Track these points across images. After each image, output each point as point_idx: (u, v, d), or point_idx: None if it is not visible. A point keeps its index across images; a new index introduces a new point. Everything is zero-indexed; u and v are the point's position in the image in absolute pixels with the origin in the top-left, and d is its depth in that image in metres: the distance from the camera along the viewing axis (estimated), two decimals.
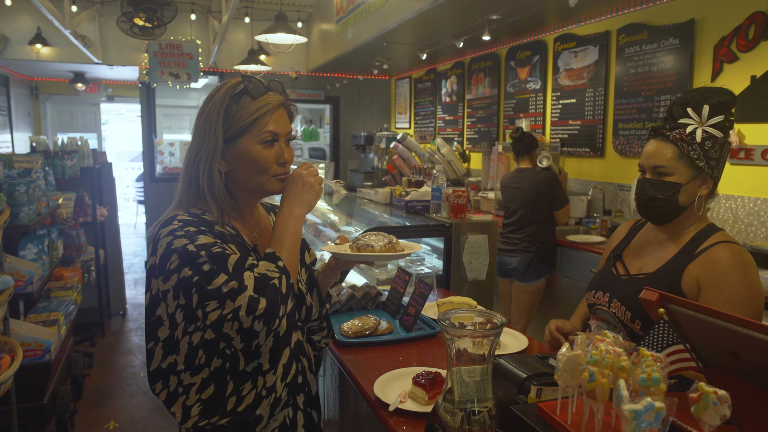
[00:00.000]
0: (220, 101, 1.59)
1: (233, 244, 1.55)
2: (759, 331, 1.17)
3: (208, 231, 1.51)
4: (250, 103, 1.59)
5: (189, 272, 1.43)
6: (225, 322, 1.42)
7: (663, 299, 1.41)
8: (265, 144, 1.59)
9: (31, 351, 3.59)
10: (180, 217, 1.53)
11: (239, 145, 1.58)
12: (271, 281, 1.48)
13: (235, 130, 1.58)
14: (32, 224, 3.78)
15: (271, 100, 1.61)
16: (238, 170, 1.61)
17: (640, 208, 1.94)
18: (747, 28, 3.93)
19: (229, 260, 1.47)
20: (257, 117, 1.57)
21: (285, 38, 6.08)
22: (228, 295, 1.42)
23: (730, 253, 1.78)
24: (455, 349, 1.41)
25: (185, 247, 1.44)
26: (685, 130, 1.81)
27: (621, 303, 1.92)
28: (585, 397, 1.22)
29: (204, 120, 1.59)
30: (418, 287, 2.40)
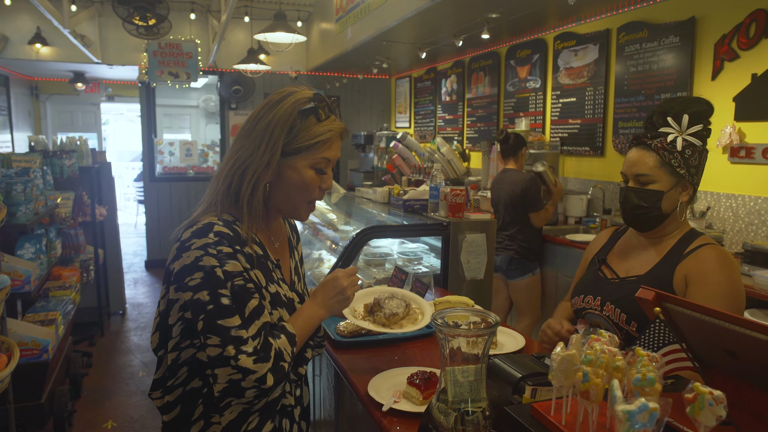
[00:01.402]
0: (286, 114, 1.54)
1: (259, 267, 1.53)
2: (756, 330, 1.15)
3: (240, 252, 1.47)
4: (316, 125, 1.56)
5: (206, 297, 1.40)
6: (223, 366, 1.39)
7: (659, 298, 1.39)
8: (316, 169, 1.58)
9: (29, 350, 3.58)
10: (216, 229, 1.47)
11: (292, 162, 1.56)
12: (281, 363, 1.47)
13: (293, 147, 1.55)
14: (30, 223, 3.77)
15: (335, 126, 1.59)
16: (280, 186, 1.59)
17: (625, 217, 1.99)
18: (748, 26, 3.91)
19: (249, 304, 1.45)
20: (319, 141, 1.55)
21: (284, 37, 6.06)
22: (233, 341, 1.40)
23: (717, 253, 1.85)
24: (449, 349, 1.40)
25: (213, 269, 1.41)
26: (666, 138, 1.87)
27: (615, 306, 1.93)
28: (579, 398, 1.21)
29: (264, 127, 1.54)
30: (414, 286, 2.39)
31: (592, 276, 2.10)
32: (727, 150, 4.08)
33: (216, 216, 1.51)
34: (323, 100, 1.59)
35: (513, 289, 4.73)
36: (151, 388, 1.57)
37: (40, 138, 5.68)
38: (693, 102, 1.89)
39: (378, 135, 8.67)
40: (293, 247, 1.82)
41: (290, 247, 1.79)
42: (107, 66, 8.78)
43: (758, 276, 3.11)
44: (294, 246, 1.83)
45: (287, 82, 9.35)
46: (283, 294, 1.61)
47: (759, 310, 3.19)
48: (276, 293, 1.58)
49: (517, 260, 4.60)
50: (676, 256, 1.89)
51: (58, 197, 4.94)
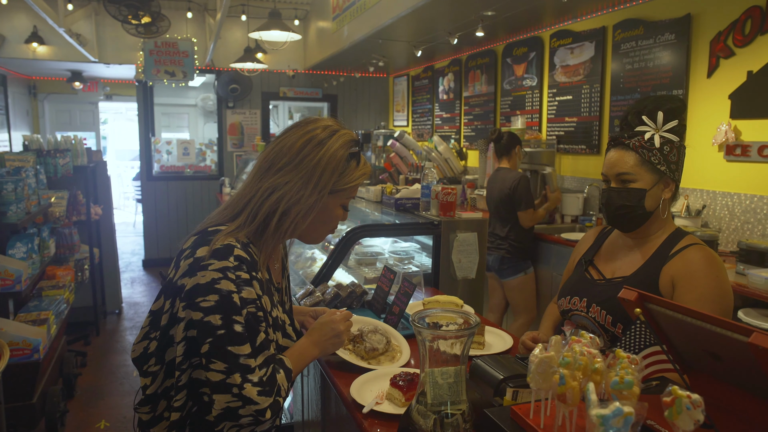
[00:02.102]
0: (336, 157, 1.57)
1: (267, 294, 1.55)
2: (736, 331, 1.13)
3: (255, 278, 1.48)
4: (355, 170, 1.63)
5: (219, 321, 1.38)
6: (224, 393, 1.38)
7: (642, 298, 1.37)
8: (343, 206, 1.67)
9: (19, 350, 3.56)
10: (237, 253, 1.45)
11: (328, 201, 1.61)
12: (277, 398, 1.46)
13: (333, 189, 1.59)
14: (21, 223, 3.76)
15: (367, 170, 1.68)
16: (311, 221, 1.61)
17: (609, 218, 1.97)
18: (743, 23, 3.88)
19: (260, 334, 1.46)
20: (355, 185, 1.65)
21: (279, 35, 6.03)
22: (240, 369, 1.39)
23: (704, 254, 1.83)
24: (428, 350, 1.38)
25: (230, 294, 1.40)
26: (643, 137, 1.87)
27: (601, 307, 1.91)
28: (557, 401, 1.19)
29: (313, 166, 1.54)
30: (402, 286, 2.37)
31: (579, 277, 2.08)
32: (722, 148, 4.05)
33: (234, 237, 1.48)
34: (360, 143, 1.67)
35: (507, 288, 4.72)
36: (140, 403, 1.53)
37: (34, 137, 5.66)
38: (666, 99, 1.89)
39: (375, 133, 8.65)
40: (285, 267, 1.82)
41: (283, 269, 1.80)
42: (104, 65, 8.76)
43: (752, 275, 3.09)
44: (286, 266, 1.84)
45: (285, 81, 9.33)
46: (279, 318, 1.64)
47: (754, 309, 3.16)
48: (276, 317, 1.60)
49: (508, 259, 4.59)
50: (662, 257, 1.88)
51: (51, 196, 4.93)
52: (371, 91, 10.01)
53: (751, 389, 1.23)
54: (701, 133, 4.21)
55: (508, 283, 4.68)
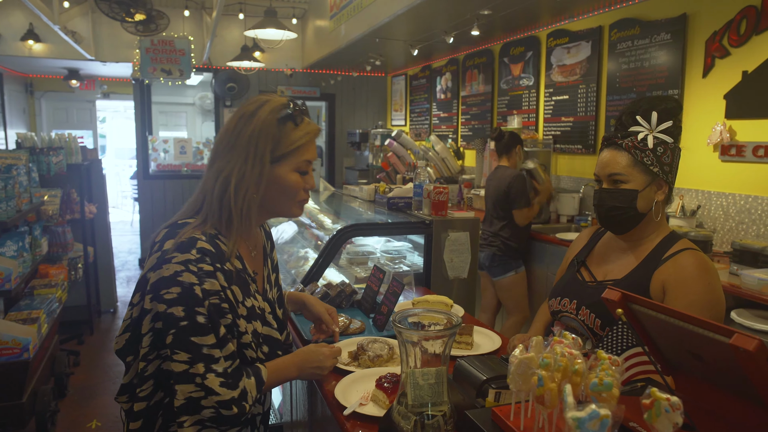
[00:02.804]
0: (266, 124, 1.56)
1: (237, 283, 1.54)
2: (718, 332, 1.11)
3: (220, 269, 1.49)
4: (294, 131, 1.59)
5: (181, 313, 1.41)
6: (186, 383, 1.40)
7: (625, 299, 1.35)
8: (300, 172, 1.61)
9: (8, 349, 3.54)
10: (200, 245, 1.47)
11: (277, 170, 1.58)
12: (243, 402, 1.46)
13: (276, 156, 1.57)
14: (11, 221, 3.73)
15: (311, 129, 1.63)
16: (267, 194, 1.59)
17: (601, 219, 1.94)
18: (738, 23, 3.86)
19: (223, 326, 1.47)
20: (300, 146, 1.59)
21: (275, 34, 6.02)
22: (204, 359, 1.41)
23: (696, 260, 1.79)
24: (408, 351, 1.35)
25: (192, 286, 1.42)
26: (636, 137, 1.84)
27: (590, 310, 1.88)
28: (535, 403, 1.16)
29: (247, 141, 1.55)
30: (391, 285, 2.34)
31: (570, 278, 2.05)
32: (717, 148, 4.03)
33: (200, 230, 1.51)
34: (297, 105, 1.62)
35: (498, 287, 4.72)
36: (118, 393, 1.58)
37: (28, 135, 5.64)
38: (661, 100, 1.86)
39: (373, 133, 8.63)
40: (267, 256, 1.82)
41: (264, 256, 1.79)
42: (101, 63, 8.74)
43: (745, 276, 3.07)
44: (268, 254, 1.83)
45: (282, 80, 9.30)
46: (258, 306, 1.62)
47: (746, 310, 3.14)
48: (252, 307, 1.59)
49: (499, 257, 4.58)
50: (654, 260, 1.85)
51: (44, 195, 4.91)
52: (369, 90, 9.99)
53: (733, 390, 1.21)
54: (696, 133, 4.19)
55: (498, 282, 4.68)
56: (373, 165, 8.52)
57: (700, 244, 3.60)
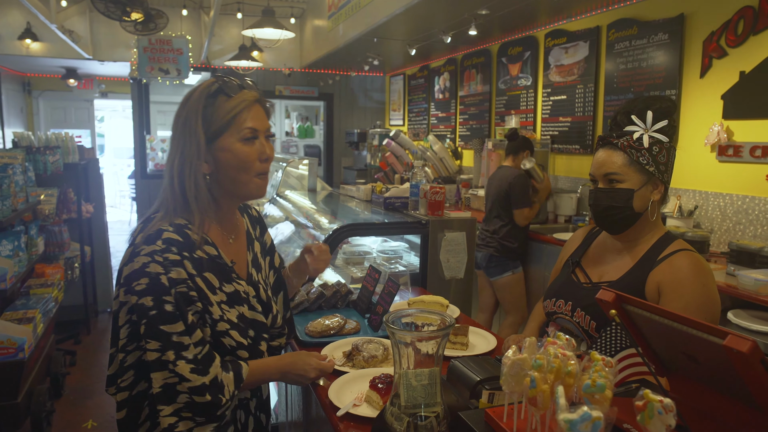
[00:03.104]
0: (196, 103, 1.57)
1: (210, 270, 1.56)
2: (712, 334, 1.10)
3: (188, 258, 1.51)
4: (226, 102, 1.57)
5: (150, 303, 1.44)
6: (160, 370, 1.44)
7: (619, 300, 1.34)
8: (246, 141, 1.57)
9: (4, 349, 3.52)
10: (165, 236, 1.50)
11: (220, 143, 1.56)
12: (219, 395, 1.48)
13: (214, 130, 1.56)
14: (6, 220, 3.72)
15: (246, 96, 1.59)
16: (221, 171, 1.59)
17: (596, 219, 1.93)
18: (736, 23, 3.86)
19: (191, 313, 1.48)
20: (235, 114, 1.56)
21: (272, 33, 6.01)
22: (173, 346, 1.44)
23: (691, 261, 1.78)
24: (401, 351, 1.35)
25: (158, 276, 1.45)
26: (632, 137, 1.83)
27: (585, 312, 1.86)
28: (528, 404, 1.16)
29: (182, 123, 1.57)
30: (387, 286, 2.34)
31: (565, 279, 2.04)
32: (715, 148, 4.03)
33: (168, 221, 1.54)
34: (228, 78, 1.61)
35: (496, 287, 4.72)
36: (107, 384, 1.60)
37: (25, 134, 5.62)
38: (656, 99, 1.86)
39: (371, 133, 8.63)
40: (254, 239, 1.82)
41: (249, 240, 1.79)
42: (99, 62, 8.73)
43: (742, 276, 3.06)
44: (255, 238, 1.83)
45: (281, 79, 9.30)
46: (243, 291, 1.64)
47: (743, 311, 3.14)
48: (234, 292, 1.60)
49: (496, 258, 4.58)
50: (650, 262, 1.83)
51: (41, 194, 4.89)
52: (368, 90, 9.98)
53: (727, 391, 1.21)
54: (694, 133, 4.18)
55: (496, 282, 4.68)
56: (371, 165, 8.51)
57: (697, 244, 3.60)
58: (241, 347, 1.59)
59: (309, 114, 11.96)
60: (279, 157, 5.68)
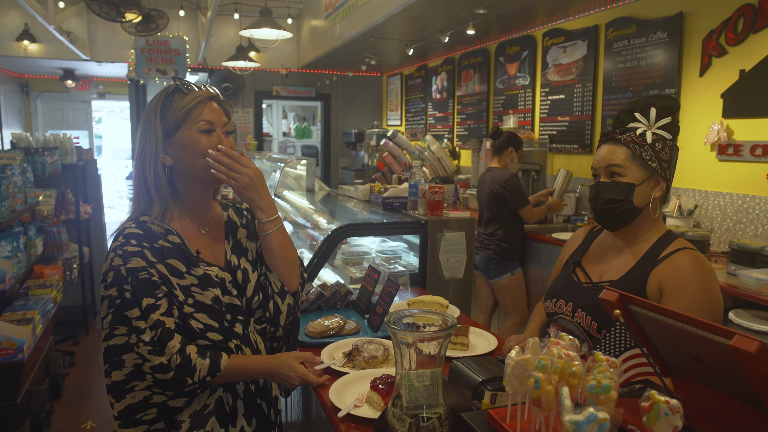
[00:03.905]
0: (155, 103, 1.69)
1: (175, 257, 1.64)
2: (718, 334, 1.09)
3: (147, 248, 1.60)
4: (183, 98, 1.67)
5: (116, 293, 1.56)
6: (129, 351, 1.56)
7: (623, 300, 1.33)
8: (203, 132, 1.66)
9: (3, 350, 3.51)
10: (127, 231, 1.61)
11: (179, 135, 1.66)
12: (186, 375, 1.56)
13: (172, 123, 1.65)
14: (5, 221, 3.71)
15: (201, 93, 1.70)
16: (180, 160, 1.67)
17: (596, 213, 1.91)
18: (736, 21, 3.85)
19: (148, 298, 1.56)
20: (191, 107, 1.66)
21: (270, 34, 6.00)
22: (135, 330, 1.54)
23: (692, 260, 1.77)
24: (403, 352, 1.34)
25: (119, 268, 1.57)
26: (635, 132, 1.83)
27: (586, 313, 1.85)
28: (532, 405, 1.15)
29: (144, 122, 1.68)
30: (386, 286, 2.33)
31: (566, 279, 2.02)
32: (715, 147, 4.02)
33: (133, 220, 1.65)
34: (185, 81, 1.72)
35: (495, 288, 4.70)
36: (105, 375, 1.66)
37: (23, 135, 5.60)
38: (660, 98, 1.86)
39: (369, 133, 8.62)
40: (237, 227, 1.87)
41: (229, 229, 1.85)
42: (96, 63, 8.71)
43: (743, 276, 3.05)
44: (239, 226, 1.87)
45: (278, 80, 9.29)
46: (215, 275, 1.70)
47: (744, 310, 3.13)
48: (204, 275, 1.67)
49: (495, 260, 4.56)
50: (651, 261, 1.82)
51: (39, 195, 4.88)
52: (365, 90, 9.97)
53: (732, 392, 1.20)
54: (693, 132, 4.18)
55: (495, 284, 4.67)
56: (369, 165, 8.50)
57: (697, 243, 3.59)
58: (210, 329, 1.64)
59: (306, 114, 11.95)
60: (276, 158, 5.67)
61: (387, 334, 2.22)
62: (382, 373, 1.79)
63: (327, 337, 2.21)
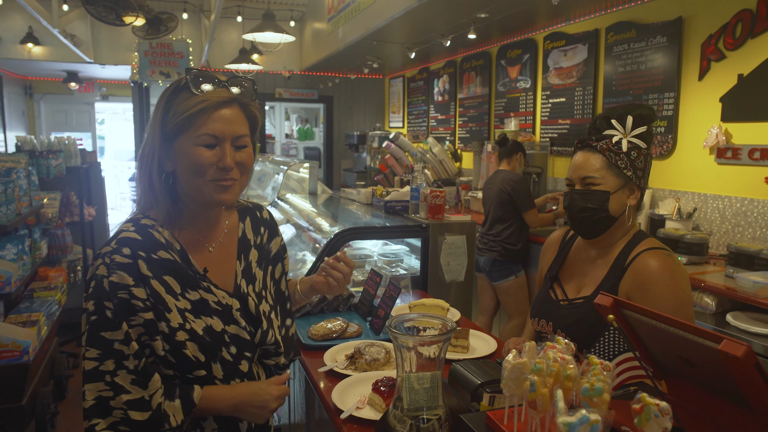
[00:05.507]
0: (162, 97, 1.45)
1: (172, 274, 1.42)
2: (708, 338, 1.13)
3: (143, 258, 1.38)
4: (188, 99, 1.41)
5: (92, 307, 1.32)
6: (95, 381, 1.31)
7: (617, 305, 1.36)
8: (204, 146, 1.41)
9: (9, 352, 3.55)
10: (123, 235, 1.39)
11: (178, 143, 1.42)
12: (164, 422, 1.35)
13: (171, 128, 1.41)
14: (11, 224, 3.74)
15: (212, 96, 1.42)
16: (179, 171, 1.44)
17: (572, 222, 1.92)
18: (734, 26, 3.89)
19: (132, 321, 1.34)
20: (191, 114, 1.39)
21: (272, 37, 6.04)
22: (114, 355, 1.31)
23: (655, 260, 1.76)
24: (404, 355, 1.38)
25: (102, 280, 1.33)
26: (611, 140, 1.84)
27: (566, 333, 1.84)
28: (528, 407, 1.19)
29: (151, 117, 1.46)
30: (388, 289, 2.37)
31: (545, 296, 2.03)
32: (713, 151, 4.06)
33: (131, 222, 1.44)
34: (201, 72, 1.45)
35: (498, 291, 4.73)
36: None
37: (27, 138, 5.65)
38: (636, 106, 1.87)
39: (371, 135, 8.65)
40: (250, 247, 1.63)
41: (242, 248, 1.61)
42: (100, 66, 8.76)
43: (741, 278, 3.08)
44: (254, 245, 1.64)
45: (280, 82, 9.33)
46: (215, 301, 1.47)
47: (742, 313, 3.16)
48: (201, 300, 1.44)
49: (500, 262, 4.59)
50: (619, 269, 1.82)
51: (44, 197, 4.92)
52: (367, 92, 10.01)
53: (722, 394, 1.24)
54: (693, 135, 4.21)
55: (499, 286, 4.69)
56: (371, 167, 8.54)
57: (696, 246, 3.63)
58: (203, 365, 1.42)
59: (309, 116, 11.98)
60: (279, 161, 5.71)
61: (389, 337, 2.25)
62: (384, 375, 1.82)
63: (330, 340, 2.25)
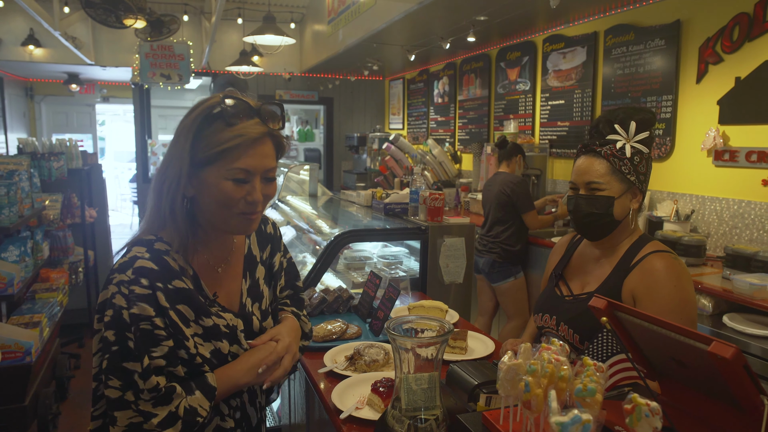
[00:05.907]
0: (191, 121, 1.40)
1: (185, 303, 1.42)
2: (698, 340, 1.15)
3: (161, 290, 1.37)
4: (222, 131, 1.37)
5: (113, 337, 1.33)
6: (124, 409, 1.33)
7: (611, 307, 1.39)
8: (234, 180, 1.39)
9: (11, 353, 3.58)
10: (138, 264, 1.37)
11: (206, 173, 1.39)
12: (196, 418, 1.37)
13: (201, 158, 1.38)
14: (13, 226, 3.77)
15: (248, 131, 1.38)
16: (202, 199, 1.43)
17: (577, 226, 1.95)
18: (731, 30, 3.91)
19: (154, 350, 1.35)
20: (227, 149, 1.37)
21: (273, 39, 6.06)
22: (133, 387, 1.32)
23: (663, 262, 1.80)
24: (402, 357, 1.40)
25: (121, 310, 1.33)
26: (615, 145, 1.86)
27: (568, 326, 1.90)
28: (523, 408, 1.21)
29: (175, 137, 1.41)
30: (387, 291, 2.39)
31: (550, 293, 2.07)
32: (711, 153, 4.08)
33: (147, 247, 1.41)
34: (235, 99, 1.41)
35: (498, 292, 4.75)
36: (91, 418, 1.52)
37: (29, 140, 5.69)
38: (638, 110, 1.89)
39: (371, 136, 8.68)
40: (257, 263, 1.65)
41: (248, 265, 1.63)
42: (101, 67, 8.79)
43: (737, 280, 3.11)
44: (260, 261, 1.66)
45: (281, 84, 9.36)
46: (224, 324, 1.49)
47: (738, 314, 3.19)
48: (213, 326, 1.47)
49: (499, 264, 4.61)
50: (624, 269, 1.86)
51: (45, 199, 4.95)
52: (367, 94, 10.04)
53: (713, 394, 1.26)
54: (690, 138, 4.24)
55: (498, 288, 4.71)
56: (371, 168, 8.57)
57: (693, 248, 3.65)
58: None
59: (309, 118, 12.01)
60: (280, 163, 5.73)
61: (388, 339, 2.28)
62: (383, 376, 1.85)
63: (330, 341, 2.27)
